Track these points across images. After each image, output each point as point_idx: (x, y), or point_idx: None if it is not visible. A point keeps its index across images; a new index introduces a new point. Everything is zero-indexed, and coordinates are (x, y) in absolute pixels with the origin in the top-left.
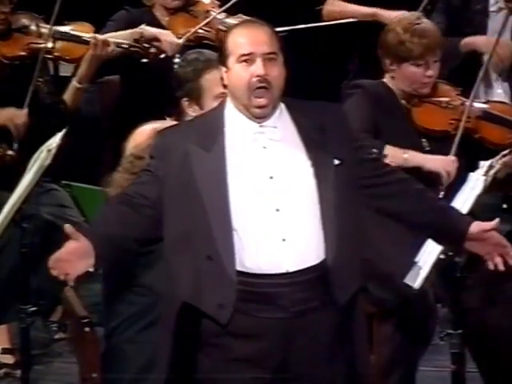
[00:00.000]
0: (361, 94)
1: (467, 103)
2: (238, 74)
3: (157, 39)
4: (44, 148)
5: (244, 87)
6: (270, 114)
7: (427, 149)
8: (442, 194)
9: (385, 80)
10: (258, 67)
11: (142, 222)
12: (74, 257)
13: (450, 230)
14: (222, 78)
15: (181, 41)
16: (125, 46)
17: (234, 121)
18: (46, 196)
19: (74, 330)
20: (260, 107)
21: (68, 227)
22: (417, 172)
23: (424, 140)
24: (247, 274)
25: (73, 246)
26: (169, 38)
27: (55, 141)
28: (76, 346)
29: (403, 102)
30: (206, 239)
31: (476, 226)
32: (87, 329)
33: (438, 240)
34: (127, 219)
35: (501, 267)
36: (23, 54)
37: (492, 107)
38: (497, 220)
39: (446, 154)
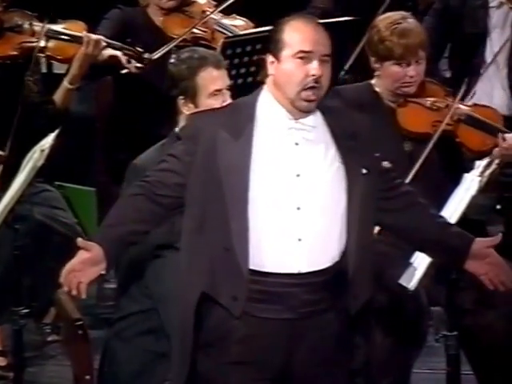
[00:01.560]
0: (342, 103)
1: (454, 105)
2: (293, 69)
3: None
4: (37, 148)
5: (296, 83)
6: (313, 110)
7: (407, 149)
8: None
9: (372, 81)
10: (315, 67)
11: (156, 214)
12: (87, 266)
13: (452, 248)
14: (265, 67)
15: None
16: (117, 47)
17: (269, 112)
18: (38, 197)
19: (67, 333)
20: (308, 101)
21: (80, 241)
22: None
23: (407, 143)
24: (257, 272)
25: (85, 256)
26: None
27: (48, 141)
28: (69, 349)
29: (389, 102)
30: (223, 230)
31: (478, 243)
32: (80, 331)
33: (439, 258)
34: (141, 214)
35: (501, 289)
36: (15, 53)
37: (477, 111)
38: (499, 236)
39: (429, 157)
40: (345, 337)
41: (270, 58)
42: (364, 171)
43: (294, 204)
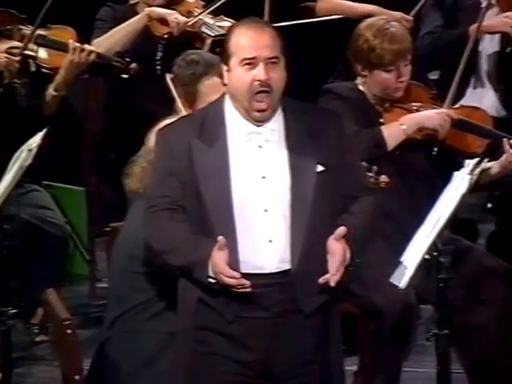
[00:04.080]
0: (335, 99)
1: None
2: (240, 76)
3: (164, 19)
4: (24, 148)
5: (245, 90)
6: (269, 117)
7: (397, 152)
8: (435, 150)
9: (357, 82)
10: (259, 72)
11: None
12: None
13: None
14: (222, 77)
15: (189, 20)
16: (106, 60)
17: (233, 118)
18: (26, 197)
19: (55, 333)
20: (260, 111)
21: (222, 239)
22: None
23: None
24: None
25: (224, 256)
26: (176, 19)
27: (36, 141)
28: (58, 349)
29: (375, 105)
30: (209, 236)
31: (330, 239)
32: (69, 331)
33: None
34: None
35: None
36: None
37: (465, 113)
38: (342, 228)
39: (417, 159)
40: (321, 336)
41: (224, 67)
42: (320, 169)
43: (262, 206)
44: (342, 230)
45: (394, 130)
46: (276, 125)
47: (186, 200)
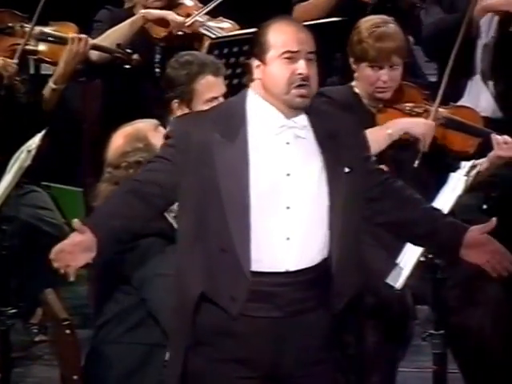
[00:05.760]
0: (327, 102)
1: (432, 109)
2: (279, 70)
3: (162, 20)
4: (24, 149)
5: (284, 83)
6: (306, 107)
7: (390, 154)
8: (417, 163)
9: (353, 84)
10: (301, 66)
11: (146, 213)
12: (77, 249)
13: (445, 240)
14: (251, 72)
15: (187, 20)
16: (108, 51)
17: (260, 114)
18: (25, 198)
19: (54, 333)
20: (302, 96)
21: (77, 222)
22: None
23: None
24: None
25: (78, 239)
26: (174, 18)
27: (35, 141)
28: (56, 349)
29: (369, 106)
30: (222, 232)
31: (472, 231)
32: (68, 331)
33: (434, 250)
34: (132, 211)
35: (504, 274)
36: (6, 55)
37: (456, 112)
38: (494, 220)
39: (410, 161)
40: (333, 335)
41: (255, 62)
42: (347, 170)
43: (284, 203)
44: (492, 223)
45: (379, 135)
46: (304, 122)
47: (204, 196)
